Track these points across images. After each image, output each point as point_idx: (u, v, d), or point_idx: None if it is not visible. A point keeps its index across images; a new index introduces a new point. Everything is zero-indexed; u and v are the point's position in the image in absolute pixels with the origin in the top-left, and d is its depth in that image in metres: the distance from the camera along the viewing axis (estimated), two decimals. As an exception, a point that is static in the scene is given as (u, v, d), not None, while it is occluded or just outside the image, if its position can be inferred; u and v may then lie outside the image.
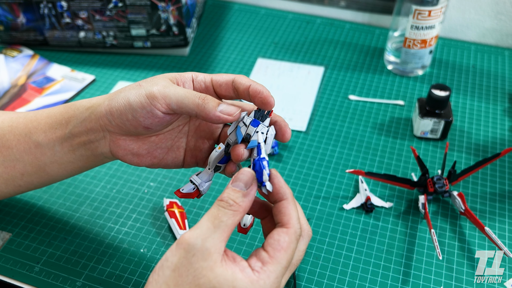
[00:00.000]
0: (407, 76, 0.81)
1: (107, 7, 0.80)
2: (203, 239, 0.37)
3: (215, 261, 0.36)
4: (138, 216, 0.61)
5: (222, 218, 0.38)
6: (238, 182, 0.39)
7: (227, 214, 0.38)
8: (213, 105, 0.42)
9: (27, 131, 0.50)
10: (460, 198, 0.58)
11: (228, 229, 0.38)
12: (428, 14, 0.72)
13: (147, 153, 0.48)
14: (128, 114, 0.44)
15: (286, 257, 0.38)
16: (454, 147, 0.69)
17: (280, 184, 0.41)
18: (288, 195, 0.41)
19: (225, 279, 0.36)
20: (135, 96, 0.43)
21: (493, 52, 0.86)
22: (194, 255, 0.36)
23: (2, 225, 0.60)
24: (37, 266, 0.56)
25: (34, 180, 0.52)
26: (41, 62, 0.85)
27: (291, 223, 0.39)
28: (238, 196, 0.39)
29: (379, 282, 0.54)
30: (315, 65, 0.84)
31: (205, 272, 0.36)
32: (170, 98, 0.43)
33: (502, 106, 0.76)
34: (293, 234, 0.39)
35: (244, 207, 0.39)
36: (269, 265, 0.38)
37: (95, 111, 0.46)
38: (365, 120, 0.74)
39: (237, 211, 0.38)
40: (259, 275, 0.37)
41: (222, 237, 0.37)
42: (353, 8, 0.93)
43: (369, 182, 0.64)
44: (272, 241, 0.39)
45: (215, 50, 0.88)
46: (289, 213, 0.40)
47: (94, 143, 0.47)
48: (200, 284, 0.36)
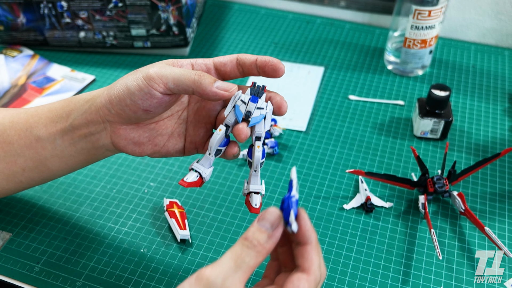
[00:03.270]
0: (407, 76, 0.81)
1: (107, 7, 0.80)
2: (223, 278, 0.35)
3: None
4: (138, 216, 0.61)
5: (245, 259, 0.36)
6: (264, 222, 0.38)
7: (250, 255, 0.37)
8: (209, 81, 0.42)
9: (28, 125, 0.50)
10: (460, 198, 0.58)
11: (249, 270, 0.37)
12: (428, 14, 0.72)
13: (148, 141, 0.48)
14: (127, 99, 0.44)
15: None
16: (454, 147, 0.69)
17: (307, 227, 0.39)
18: (313, 240, 0.39)
19: None
20: (132, 80, 0.44)
21: (493, 52, 0.86)
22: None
23: (2, 225, 0.60)
24: (37, 266, 0.56)
25: (35, 176, 0.52)
26: (41, 62, 0.85)
27: (312, 270, 0.38)
28: (263, 237, 0.37)
29: (379, 282, 0.54)
30: (315, 65, 0.84)
31: None
32: (166, 77, 0.43)
33: (502, 106, 0.76)
34: (313, 282, 0.38)
35: (268, 249, 0.38)
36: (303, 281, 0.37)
37: (94, 103, 0.46)
38: (365, 120, 0.74)
39: (260, 253, 0.37)
40: None
41: (242, 277, 0.36)
42: (353, 8, 0.93)
43: (369, 182, 0.64)
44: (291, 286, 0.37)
45: (215, 50, 0.88)
46: (312, 259, 0.38)
47: (95, 135, 0.48)
48: None
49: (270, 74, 0.44)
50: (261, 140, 0.45)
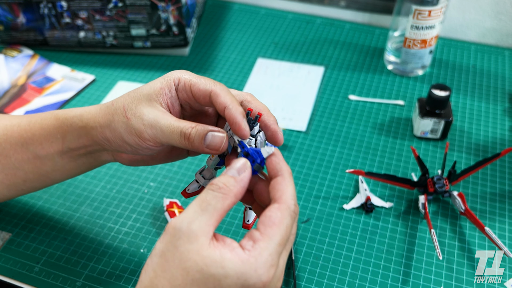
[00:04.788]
0: (407, 76, 0.81)
1: (107, 7, 0.80)
2: (188, 222, 0.35)
3: (202, 244, 0.34)
4: (138, 216, 0.61)
5: (210, 201, 0.36)
6: (231, 169, 0.38)
7: (216, 197, 0.36)
8: (199, 141, 0.41)
9: (22, 141, 0.49)
10: (460, 198, 0.58)
11: (217, 213, 0.36)
12: (428, 14, 0.72)
13: (151, 159, 0.49)
14: (126, 146, 0.45)
15: (279, 233, 0.36)
16: (454, 147, 0.69)
17: (277, 161, 0.39)
18: (285, 172, 0.39)
19: (213, 261, 0.34)
20: (127, 133, 0.44)
21: (493, 52, 0.86)
22: (180, 238, 0.35)
23: (2, 225, 0.60)
24: (37, 266, 0.56)
25: (36, 185, 0.52)
26: (41, 62, 0.85)
27: (283, 199, 0.37)
28: (229, 181, 0.37)
29: (379, 282, 0.54)
30: (315, 65, 0.84)
31: (191, 255, 0.34)
32: (160, 139, 0.43)
33: (502, 106, 0.76)
34: (286, 210, 0.37)
35: (235, 192, 0.37)
36: (260, 242, 0.35)
37: (90, 132, 0.46)
38: (365, 120, 0.74)
39: (226, 195, 0.36)
40: (250, 253, 0.35)
41: (210, 221, 0.35)
42: (353, 8, 0.93)
43: (369, 182, 0.64)
44: (263, 218, 0.36)
45: (215, 50, 0.88)
46: (282, 189, 0.38)
47: (95, 154, 0.48)
48: (187, 267, 0.34)
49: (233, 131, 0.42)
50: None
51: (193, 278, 0.34)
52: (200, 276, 0.34)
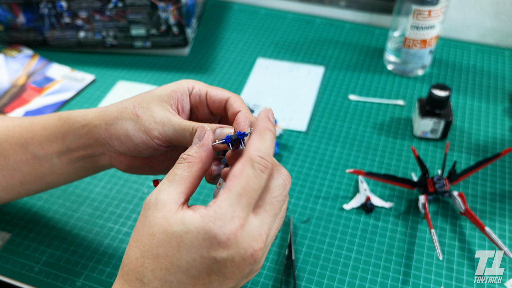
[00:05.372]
0: (407, 76, 0.81)
1: (107, 7, 0.80)
2: (156, 194, 0.37)
3: (170, 209, 0.35)
4: (138, 216, 0.61)
5: (176, 172, 0.37)
6: (194, 139, 0.39)
7: (181, 167, 0.38)
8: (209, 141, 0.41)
9: (23, 141, 0.49)
10: (460, 198, 0.58)
11: (184, 181, 0.37)
12: (428, 14, 0.72)
13: (148, 166, 0.49)
14: (129, 144, 0.44)
15: (238, 184, 0.35)
16: (454, 147, 0.69)
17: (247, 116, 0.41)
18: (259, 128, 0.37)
19: (175, 219, 0.35)
20: (134, 131, 0.44)
21: (493, 52, 0.86)
22: (149, 209, 0.36)
23: (2, 225, 0.60)
24: (37, 266, 0.56)
25: (33, 188, 0.52)
26: (41, 62, 0.85)
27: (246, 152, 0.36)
28: (190, 150, 0.38)
29: (379, 282, 0.54)
30: (315, 65, 0.84)
31: (157, 220, 0.35)
32: (170, 138, 0.43)
33: (502, 106, 0.76)
34: (247, 162, 0.35)
35: (199, 157, 0.38)
36: (220, 195, 0.35)
37: (92, 131, 0.46)
38: (365, 120, 0.74)
39: (191, 162, 0.38)
40: (210, 208, 0.35)
41: (178, 189, 0.36)
42: (353, 8, 0.93)
43: (369, 182, 0.64)
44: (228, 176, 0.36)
45: (215, 50, 0.88)
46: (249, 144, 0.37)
47: (94, 157, 0.48)
48: (154, 231, 0.35)
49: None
50: None
51: (158, 240, 0.35)
52: (164, 236, 0.35)
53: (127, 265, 0.36)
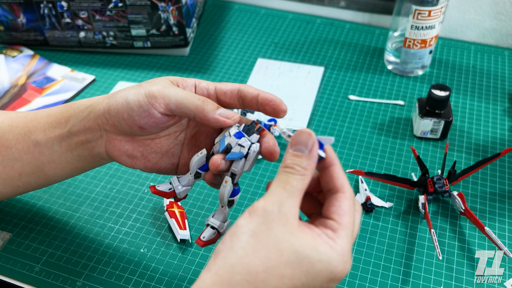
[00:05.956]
0: (407, 76, 0.81)
1: (107, 7, 0.80)
2: (279, 205, 0.35)
3: (294, 225, 0.35)
4: (138, 216, 0.61)
5: (292, 183, 0.36)
6: (298, 146, 0.37)
7: (296, 179, 0.36)
8: (212, 108, 0.42)
9: (26, 130, 0.50)
10: (460, 198, 0.58)
11: (299, 194, 0.36)
12: (428, 14, 0.72)
13: (141, 156, 0.48)
14: (124, 112, 0.44)
15: (351, 221, 0.37)
16: (454, 147, 0.69)
17: (330, 150, 0.39)
18: (337, 161, 0.39)
19: (307, 243, 0.35)
20: (134, 95, 0.44)
21: (493, 52, 0.86)
22: (273, 220, 0.35)
23: (2, 225, 0.60)
24: (37, 266, 0.56)
25: (32, 181, 0.52)
26: (41, 62, 0.85)
27: (346, 187, 0.38)
28: (302, 161, 0.37)
29: (379, 282, 0.54)
30: (315, 65, 0.84)
31: (286, 237, 0.34)
32: (169, 98, 0.43)
33: (502, 106, 0.76)
34: (350, 198, 0.38)
35: (310, 170, 0.37)
36: (340, 231, 0.36)
37: (94, 110, 0.46)
38: (365, 120, 0.74)
39: (304, 175, 0.37)
40: (335, 241, 0.36)
41: (295, 202, 0.36)
42: (353, 8, 0.93)
43: (369, 182, 0.64)
44: (334, 208, 0.37)
45: (215, 50, 0.88)
46: (342, 177, 0.38)
47: (91, 143, 0.48)
48: (282, 248, 0.34)
49: (271, 113, 0.43)
50: (235, 178, 0.43)
51: (287, 260, 0.34)
52: (295, 257, 0.34)
53: (242, 274, 0.34)
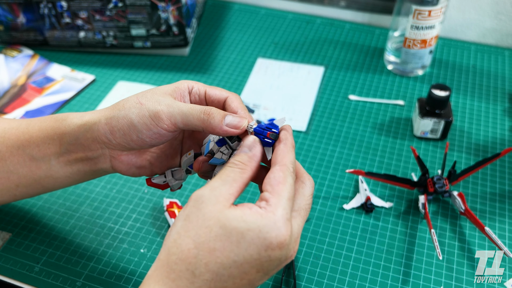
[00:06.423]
0: (407, 76, 0.81)
1: (107, 7, 0.80)
2: (211, 189, 0.38)
3: (224, 205, 0.37)
4: (138, 216, 0.61)
5: (229, 174, 0.39)
6: (243, 147, 0.41)
7: (234, 171, 0.39)
8: (219, 119, 0.42)
9: (19, 143, 0.49)
10: (460, 198, 0.58)
11: (236, 184, 0.38)
12: (428, 14, 0.72)
13: (149, 164, 0.48)
14: (133, 135, 0.44)
15: (286, 189, 0.38)
16: (454, 147, 0.69)
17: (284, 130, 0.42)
18: (288, 142, 0.41)
19: (234, 216, 0.36)
20: (139, 117, 0.43)
21: (493, 52, 0.86)
22: (203, 202, 0.37)
23: (2, 225, 0.60)
24: (37, 266, 0.56)
25: (29, 191, 0.51)
26: (41, 62, 0.85)
27: (283, 161, 0.40)
28: (243, 157, 0.40)
29: (379, 282, 0.54)
30: (315, 65, 0.84)
31: (213, 214, 0.37)
32: (175, 118, 0.43)
33: (502, 106, 0.76)
34: (286, 170, 0.39)
35: (250, 166, 0.40)
36: (272, 198, 0.38)
37: (90, 130, 0.45)
38: (365, 120, 0.74)
39: (244, 169, 0.39)
40: (266, 209, 0.37)
41: (230, 190, 0.38)
42: (353, 8, 0.93)
43: (369, 182, 0.64)
44: (268, 180, 0.39)
45: (215, 50, 0.88)
46: (283, 154, 0.40)
47: (93, 160, 0.47)
48: (210, 225, 0.36)
49: None
50: None
51: (216, 234, 0.36)
52: (223, 231, 0.36)
53: (176, 254, 0.37)
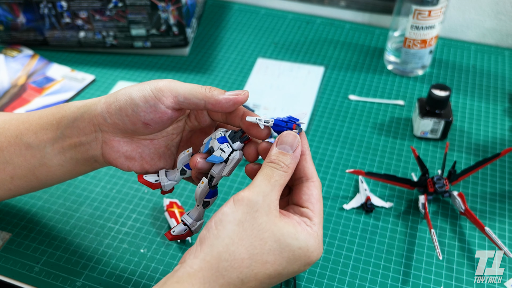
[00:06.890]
0: (407, 76, 0.81)
1: (107, 7, 0.80)
2: (263, 196, 0.39)
3: (275, 216, 0.39)
4: (138, 216, 0.61)
5: (276, 177, 0.40)
6: (284, 145, 0.41)
7: (279, 174, 0.40)
8: (220, 91, 0.43)
9: (18, 132, 0.49)
10: (460, 198, 0.58)
11: (280, 188, 0.40)
12: (428, 14, 0.72)
13: (139, 157, 0.47)
14: (128, 109, 0.43)
15: (321, 208, 0.41)
16: (454, 147, 0.69)
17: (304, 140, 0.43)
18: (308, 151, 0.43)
19: (288, 232, 0.38)
20: (138, 91, 0.44)
21: (493, 52, 0.86)
22: (257, 210, 0.38)
23: (2, 225, 0.60)
24: (37, 266, 0.56)
25: (23, 184, 0.51)
26: (41, 62, 0.85)
27: (315, 176, 0.42)
28: (286, 159, 0.41)
29: (379, 282, 0.54)
30: (315, 65, 0.84)
31: (268, 226, 0.38)
32: (177, 91, 0.43)
33: (502, 106, 0.76)
34: (319, 186, 0.42)
35: (292, 168, 0.41)
36: (315, 218, 0.40)
37: (88, 110, 0.46)
38: (365, 120, 0.74)
39: (287, 172, 0.40)
40: (312, 228, 0.40)
41: (276, 195, 0.40)
42: (353, 8, 0.93)
43: (369, 182, 0.64)
44: (307, 197, 0.41)
45: (215, 50, 0.88)
46: (312, 167, 0.42)
47: (85, 145, 0.47)
48: (265, 237, 0.38)
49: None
50: (213, 180, 0.44)
51: (270, 248, 0.38)
52: (277, 245, 0.38)
53: (229, 261, 0.38)
